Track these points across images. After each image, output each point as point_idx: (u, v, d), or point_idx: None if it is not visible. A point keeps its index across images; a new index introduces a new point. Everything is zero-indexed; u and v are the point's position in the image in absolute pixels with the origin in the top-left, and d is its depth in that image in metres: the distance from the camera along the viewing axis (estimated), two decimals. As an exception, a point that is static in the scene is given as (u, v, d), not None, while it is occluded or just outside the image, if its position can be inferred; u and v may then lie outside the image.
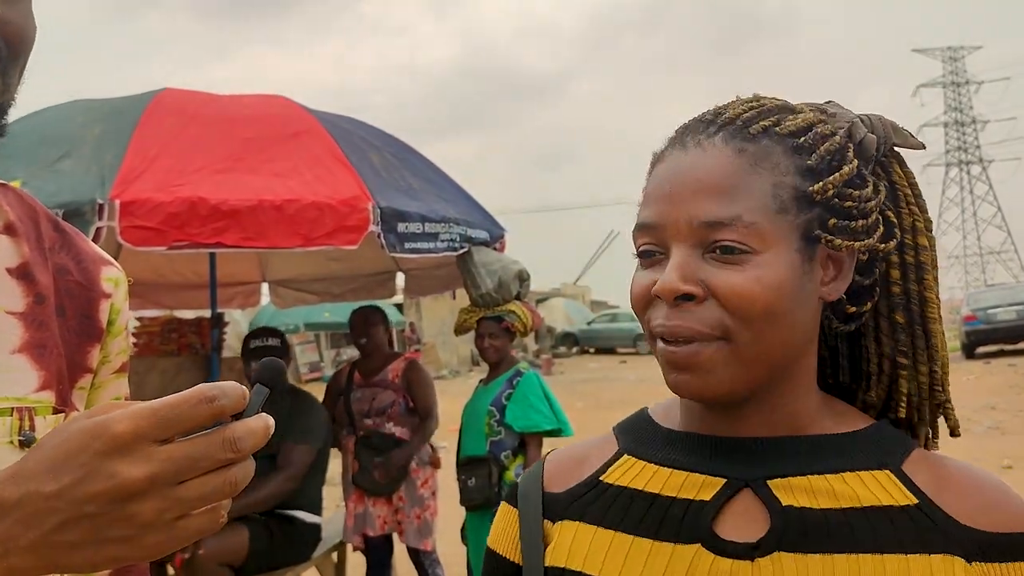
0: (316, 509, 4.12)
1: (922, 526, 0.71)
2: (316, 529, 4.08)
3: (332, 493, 8.57)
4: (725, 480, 0.77)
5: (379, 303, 5.08)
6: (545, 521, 0.85)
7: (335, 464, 10.29)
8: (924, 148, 0.85)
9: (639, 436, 0.86)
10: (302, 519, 3.96)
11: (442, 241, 3.67)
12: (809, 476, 0.75)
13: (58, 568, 0.61)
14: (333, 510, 7.22)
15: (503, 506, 0.91)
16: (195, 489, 0.59)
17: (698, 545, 0.74)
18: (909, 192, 0.81)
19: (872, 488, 0.74)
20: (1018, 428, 10.03)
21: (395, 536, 4.35)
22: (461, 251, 3.81)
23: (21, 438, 0.88)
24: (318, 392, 4.61)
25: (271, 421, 0.61)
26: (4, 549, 0.59)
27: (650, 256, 0.78)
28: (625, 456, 0.84)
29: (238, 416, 0.60)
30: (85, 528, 0.58)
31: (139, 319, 5.71)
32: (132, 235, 2.89)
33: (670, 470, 0.80)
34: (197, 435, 0.59)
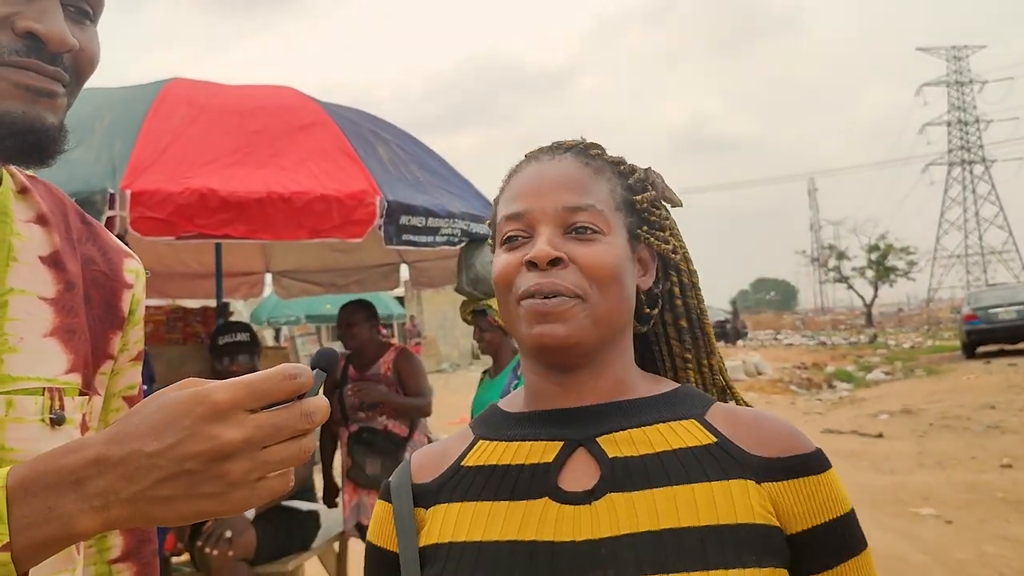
0: (310, 496, 4.15)
1: (721, 458, 0.89)
2: (315, 516, 4.13)
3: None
4: (563, 442, 0.92)
5: (381, 295, 5.10)
6: (418, 509, 0.96)
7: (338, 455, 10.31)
8: (682, 205, 1.08)
9: (490, 424, 1.01)
10: (299, 508, 4.02)
11: (441, 235, 3.66)
12: (630, 430, 0.92)
13: (151, 520, 0.67)
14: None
15: (378, 504, 1.02)
16: (277, 453, 0.67)
17: (546, 498, 0.89)
18: (678, 231, 1.06)
19: (680, 434, 0.91)
20: (1018, 427, 10.05)
21: None
22: (458, 246, 3.80)
23: (52, 416, 0.92)
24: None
25: (328, 402, 0.70)
26: (106, 502, 0.66)
27: (514, 240, 0.95)
28: (480, 441, 0.99)
29: (301, 396, 0.69)
30: (181, 484, 0.65)
31: (144, 308, 5.72)
32: (142, 225, 2.91)
33: (518, 443, 0.95)
34: (280, 407, 0.67)
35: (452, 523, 0.92)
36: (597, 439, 0.91)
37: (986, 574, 4.87)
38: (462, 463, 0.97)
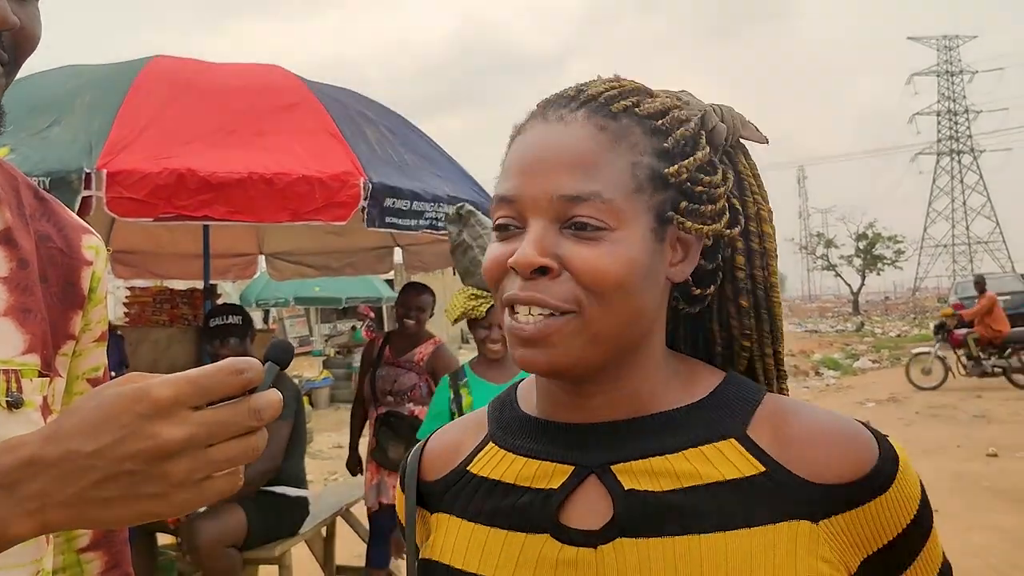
0: (300, 483, 4.14)
1: (768, 494, 0.71)
2: (304, 502, 4.12)
3: (321, 467, 8.59)
4: (573, 468, 0.78)
5: (371, 278, 5.09)
6: (423, 511, 0.88)
7: (321, 438, 10.24)
8: (767, 142, 0.87)
9: (503, 420, 0.87)
10: (288, 494, 3.99)
11: (425, 219, 3.61)
12: (651, 459, 0.75)
13: (91, 523, 0.65)
14: (321, 484, 7.23)
15: (398, 489, 0.93)
16: (223, 452, 0.64)
17: (547, 535, 0.76)
18: (753, 181, 0.84)
19: (715, 462, 0.74)
20: (1003, 416, 10.12)
21: None
22: (441, 230, 3.64)
23: (8, 399, 0.89)
24: (309, 366, 4.62)
25: (281, 395, 0.67)
26: (41, 504, 0.63)
27: (506, 230, 0.77)
28: (490, 444, 0.86)
29: (252, 390, 0.65)
30: (121, 485, 0.63)
31: (130, 289, 5.69)
32: (118, 206, 2.85)
33: (525, 459, 0.81)
34: (226, 403, 0.64)
35: (451, 543, 0.83)
36: (612, 467, 0.76)
37: (972, 564, 4.88)
38: (468, 467, 0.86)
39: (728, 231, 0.79)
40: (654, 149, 0.76)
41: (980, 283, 14.35)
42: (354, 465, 4.81)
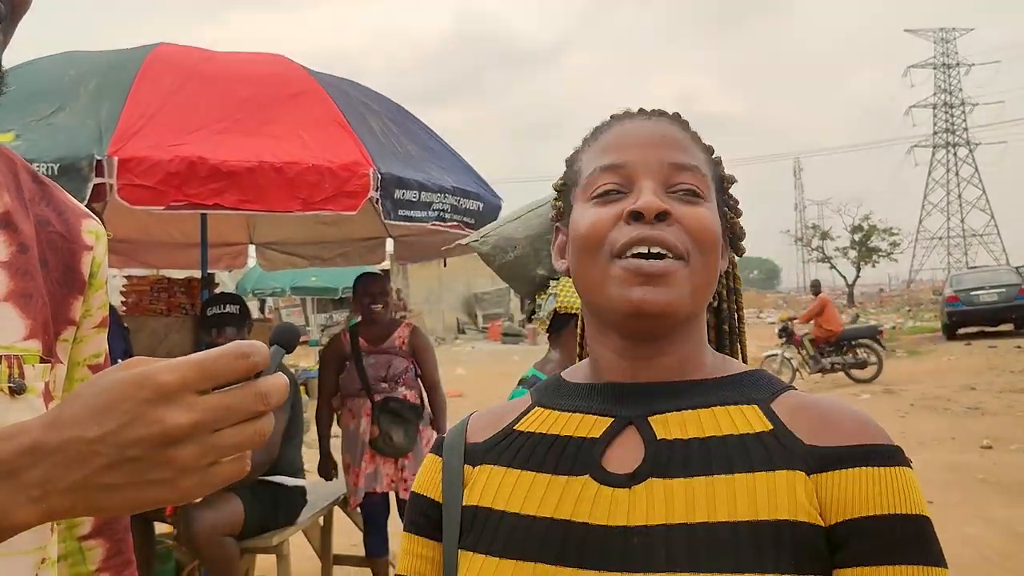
0: (297, 472, 4.14)
1: (771, 448, 0.82)
2: (301, 491, 4.13)
3: (317, 456, 8.58)
4: (613, 419, 0.88)
5: (368, 269, 5.11)
6: (466, 467, 0.95)
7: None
8: (736, 182, 1.02)
9: (549, 391, 0.98)
10: (285, 483, 4.00)
11: (433, 210, 3.63)
12: (684, 412, 0.86)
13: (97, 510, 0.64)
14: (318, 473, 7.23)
15: (429, 457, 1.00)
16: (229, 437, 0.63)
17: (587, 476, 0.85)
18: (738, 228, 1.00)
19: (736, 419, 0.85)
20: (997, 409, 10.16)
21: (392, 497, 4.44)
22: (448, 222, 3.74)
23: (11, 385, 0.88)
24: (305, 356, 4.62)
25: (287, 380, 0.65)
26: (43, 491, 0.62)
27: (608, 195, 0.87)
28: (536, 408, 0.96)
29: (258, 374, 0.64)
30: (127, 471, 0.61)
31: (128, 278, 5.66)
32: (130, 193, 2.84)
33: (570, 414, 0.91)
34: (233, 388, 0.63)
35: (495, 487, 0.90)
36: (648, 418, 0.86)
37: (967, 555, 4.92)
38: (515, 427, 0.94)
39: (742, 239, 0.98)
40: (708, 158, 0.94)
41: (816, 286, 15.79)
42: (328, 470, 4.67)
